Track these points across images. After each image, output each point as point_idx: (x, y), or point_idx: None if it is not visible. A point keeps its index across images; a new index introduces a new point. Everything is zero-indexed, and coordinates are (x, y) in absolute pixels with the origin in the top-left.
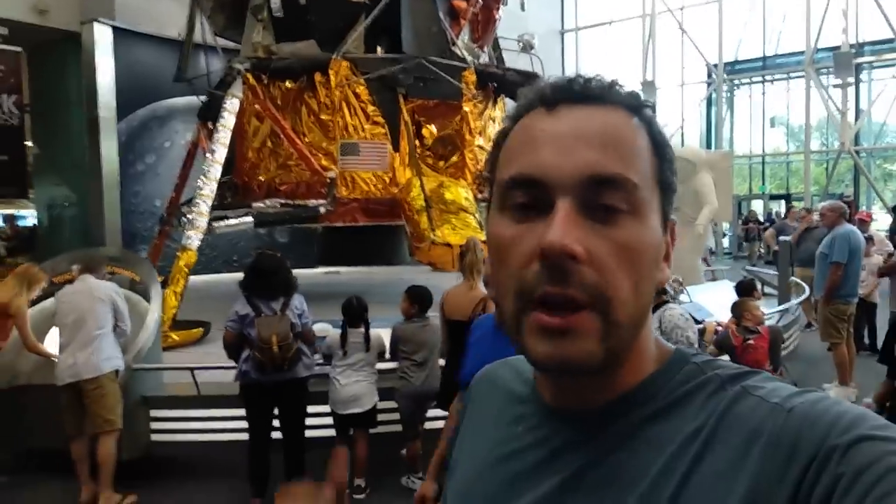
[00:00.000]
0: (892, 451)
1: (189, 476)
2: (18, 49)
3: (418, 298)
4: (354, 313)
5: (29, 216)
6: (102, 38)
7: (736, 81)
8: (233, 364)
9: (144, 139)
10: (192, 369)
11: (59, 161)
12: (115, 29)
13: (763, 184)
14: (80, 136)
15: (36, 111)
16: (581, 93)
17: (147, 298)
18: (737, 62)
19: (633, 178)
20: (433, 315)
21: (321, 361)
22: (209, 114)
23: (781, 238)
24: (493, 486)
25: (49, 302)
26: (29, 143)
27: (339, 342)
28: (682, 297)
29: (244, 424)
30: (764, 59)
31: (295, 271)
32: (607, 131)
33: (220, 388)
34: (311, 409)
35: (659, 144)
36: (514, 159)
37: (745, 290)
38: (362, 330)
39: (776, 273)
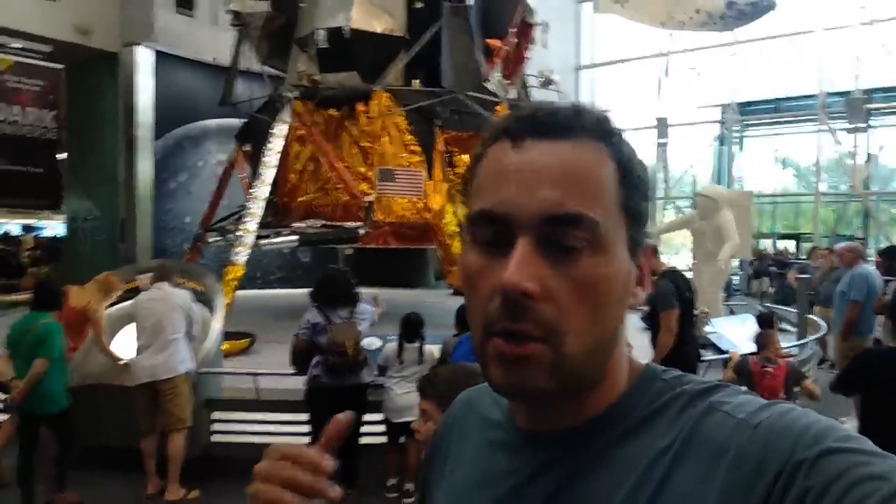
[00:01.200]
0: (858, 462)
1: (246, 475)
2: (60, 66)
3: (464, 316)
4: (411, 328)
5: (48, 227)
6: (144, 60)
7: (747, 122)
8: (290, 371)
9: (178, 158)
10: (254, 374)
11: (91, 176)
12: (156, 52)
13: (773, 224)
14: (113, 153)
15: (71, 127)
16: (546, 125)
17: (210, 309)
18: (749, 103)
19: (593, 216)
20: None
21: (376, 373)
22: (248, 136)
23: (799, 276)
24: None
25: (116, 308)
26: (62, 157)
27: (396, 354)
28: (707, 328)
29: (299, 428)
30: (776, 100)
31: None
32: (569, 167)
33: (273, 394)
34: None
35: (627, 173)
36: (481, 193)
37: (766, 321)
38: (417, 344)
39: (793, 310)
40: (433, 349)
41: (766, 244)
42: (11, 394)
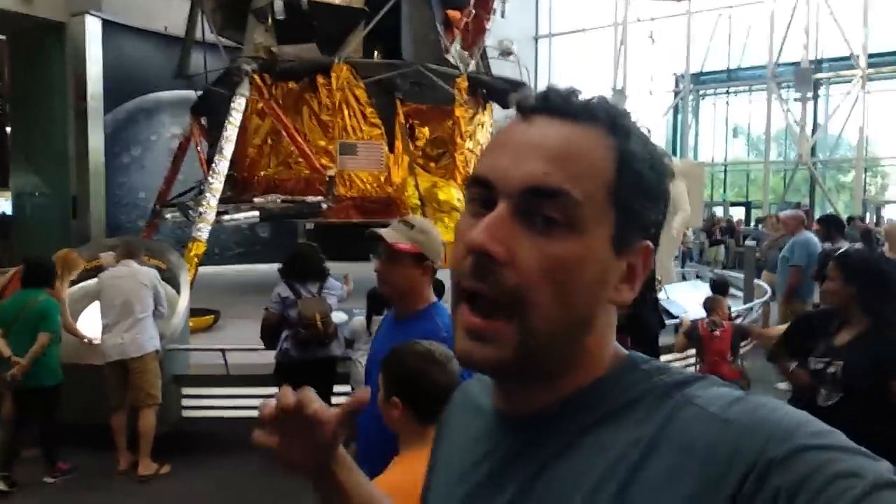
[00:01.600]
0: (829, 459)
1: (216, 450)
2: (2, 37)
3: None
4: (378, 301)
5: None
6: (92, 29)
7: (701, 92)
8: (257, 346)
9: (131, 131)
10: (222, 350)
11: (38, 150)
12: (103, 21)
13: (724, 191)
14: (62, 126)
15: (15, 100)
16: (558, 105)
17: (175, 286)
18: (703, 73)
19: (574, 195)
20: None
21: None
22: (204, 109)
23: (747, 243)
24: (457, 501)
25: (79, 287)
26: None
27: (365, 328)
28: (661, 295)
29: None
30: (728, 71)
31: (276, 266)
32: (565, 145)
33: (241, 369)
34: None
35: (626, 168)
36: (483, 159)
37: (720, 288)
38: (381, 317)
39: (740, 275)
40: None
41: (718, 211)
42: (13, 370)
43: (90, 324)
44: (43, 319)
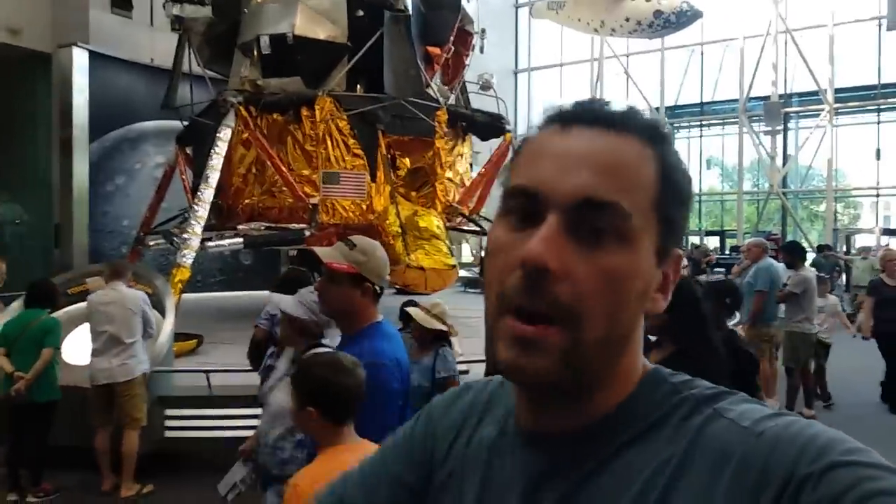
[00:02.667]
0: (865, 477)
1: (199, 470)
2: None
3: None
4: None
5: None
6: (79, 60)
7: (675, 125)
8: (241, 367)
9: (115, 160)
10: (206, 372)
11: (20, 179)
12: (90, 52)
13: (700, 221)
14: (45, 155)
15: None
16: (598, 115)
17: (161, 310)
18: (677, 106)
19: (625, 207)
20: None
21: None
22: (188, 139)
23: (715, 271)
24: None
25: (64, 312)
26: None
27: None
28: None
29: (250, 423)
30: (701, 104)
31: (259, 293)
32: (611, 157)
33: (224, 391)
34: None
35: (667, 178)
36: (521, 170)
37: None
38: None
39: None
40: None
41: (695, 241)
42: (17, 385)
43: (77, 347)
44: (46, 335)
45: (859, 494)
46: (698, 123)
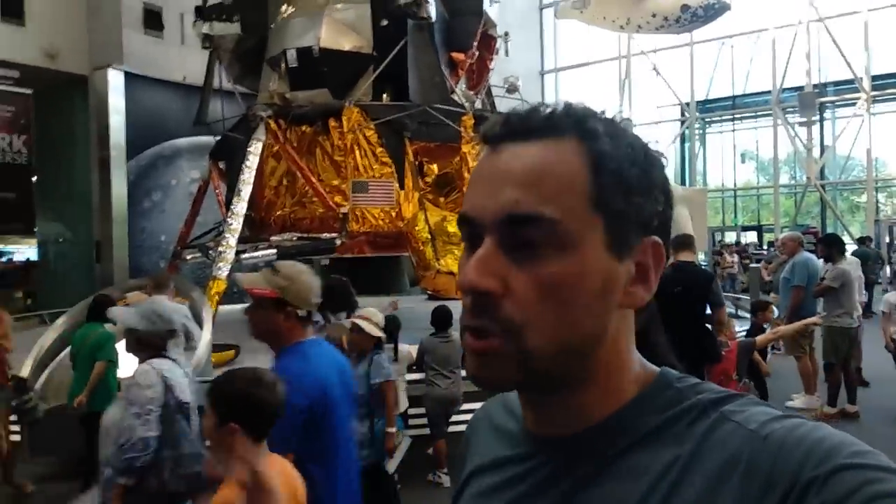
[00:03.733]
0: (870, 479)
1: None
2: (28, 91)
3: (439, 317)
4: (386, 330)
5: (16, 252)
6: (116, 82)
7: (707, 119)
8: None
9: (151, 177)
10: None
11: (62, 198)
12: (125, 73)
13: (735, 216)
14: (85, 175)
15: (41, 150)
16: (521, 128)
17: (198, 322)
18: (708, 101)
19: (551, 215)
20: (456, 332)
21: None
22: (221, 154)
23: (752, 266)
24: None
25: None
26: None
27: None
28: None
29: None
30: (733, 98)
31: None
32: (530, 168)
33: None
34: None
35: (603, 169)
36: (465, 197)
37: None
38: (391, 345)
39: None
40: (409, 348)
41: (731, 236)
42: (76, 400)
43: (128, 360)
44: (99, 349)
45: (864, 497)
46: (731, 117)
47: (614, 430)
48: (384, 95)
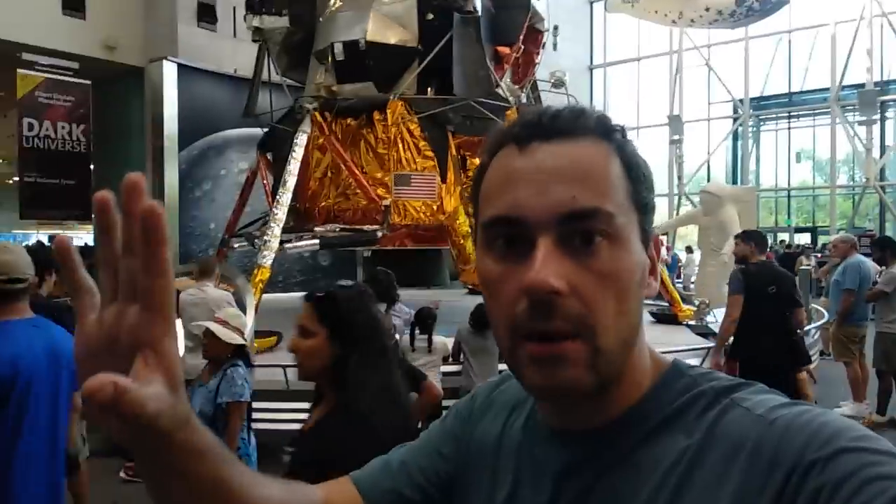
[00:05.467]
0: (870, 462)
1: (275, 457)
2: (88, 82)
3: (479, 317)
4: (422, 321)
5: (75, 238)
6: (170, 73)
7: (762, 117)
8: None
9: (202, 167)
10: (283, 367)
11: (117, 186)
12: (178, 65)
13: (788, 217)
14: (140, 164)
15: (98, 140)
16: (550, 128)
17: (242, 308)
18: (763, 98)
19: (607, 208)
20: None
21: None
22: (269, 145)
23: (801, 268)
24: None
25: None
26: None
27: (409, 345)
28: (709, 318)
29: None
30: (790, 95)
31: None
32: (579, 165)
33: (300, 385)
34: None
35: (631, 167)
36: (492, 199)
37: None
38: (425, 336)
39: None
40: (444, 340)
41: (784, 237)
42: None
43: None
44: None
45: (863, 478)
46: (786, 115)
47: (633, 421)
48: (429, 89)
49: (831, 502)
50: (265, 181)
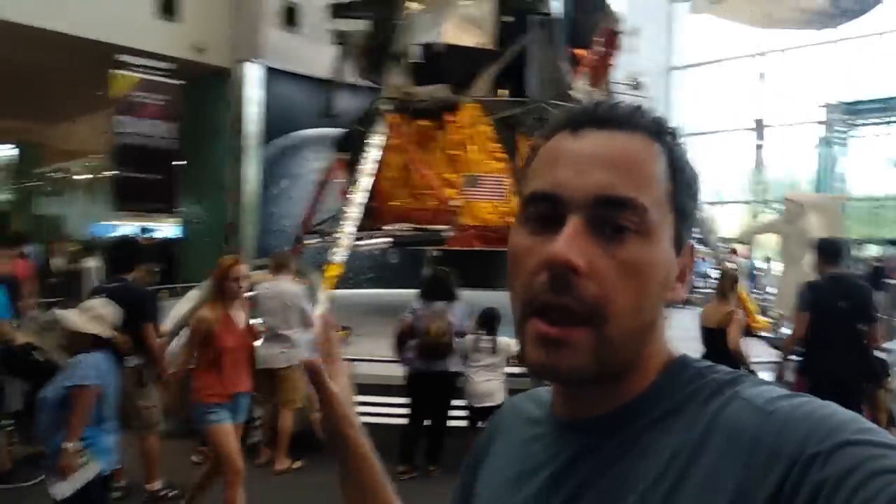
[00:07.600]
0: (873, 455)
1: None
2: (180, 82)
3: None
4: (486, 321)
5: (159, 230)
6: (253, 74)
7: (853, 122)
8: (383, 357)
9: (280, 166)
10: (352, 360)
11: (202, 182)
12: (262, 66)
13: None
14: (223, 161)
15: (185, 137)
16: (605, 117)
17: (313, 302)
18: (856, 102)
19: (642, 201)
20: None
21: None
22: (345, 145)
23: (888, 282)
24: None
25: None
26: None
27: (472, 345)
28: (784, 329)
29: (390, 410)
30: (886, 100)
31: (404, 291)
32: (623, 155)
33: (368, 379)
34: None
35: (678, 170)
36: (536, 176)
37: None
38: (490, 337)
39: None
40: (509, 341)
41: (874, 249)
42: None
43: None
44: None
45: (866, 472)
46: (880, 120)
47: (638, 410)
48: (503, 90)
49: (835, 496)
50: (340, 180)
